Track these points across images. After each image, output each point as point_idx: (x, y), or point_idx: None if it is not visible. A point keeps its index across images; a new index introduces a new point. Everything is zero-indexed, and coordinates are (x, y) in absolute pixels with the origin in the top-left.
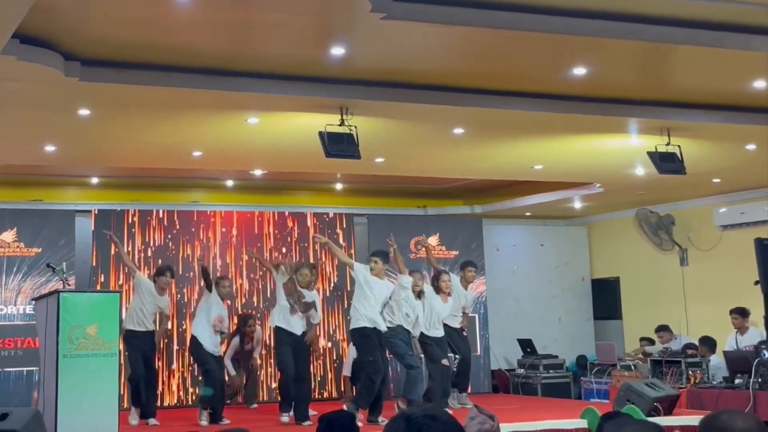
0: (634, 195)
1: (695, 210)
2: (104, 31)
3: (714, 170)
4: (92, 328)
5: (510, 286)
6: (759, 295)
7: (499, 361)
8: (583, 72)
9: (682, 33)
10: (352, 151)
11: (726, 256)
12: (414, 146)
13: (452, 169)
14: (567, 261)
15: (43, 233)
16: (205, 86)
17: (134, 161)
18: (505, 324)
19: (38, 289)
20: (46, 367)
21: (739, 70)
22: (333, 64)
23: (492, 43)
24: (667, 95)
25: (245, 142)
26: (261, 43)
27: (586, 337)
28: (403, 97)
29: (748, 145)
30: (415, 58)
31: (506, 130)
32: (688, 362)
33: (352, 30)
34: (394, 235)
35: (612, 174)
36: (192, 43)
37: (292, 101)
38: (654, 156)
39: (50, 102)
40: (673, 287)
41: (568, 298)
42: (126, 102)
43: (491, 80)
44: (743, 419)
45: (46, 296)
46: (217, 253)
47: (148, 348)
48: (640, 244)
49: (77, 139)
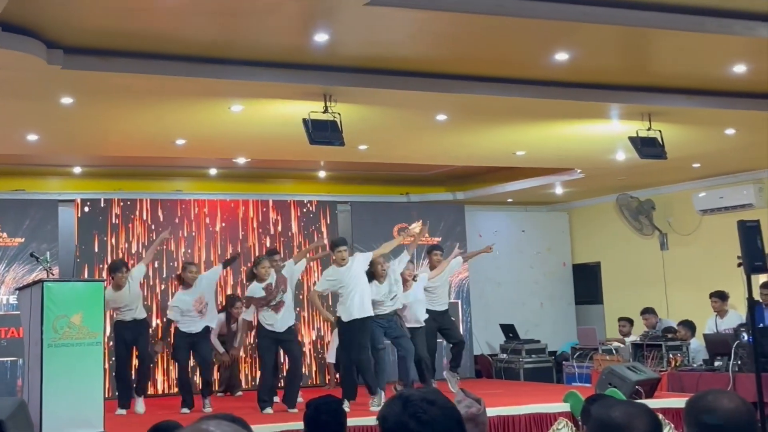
0: (615, 180)
1: (675, 195)
2: (87, 18)
3: (694, 155)
4: (77, 317)
5: (492, 272)
6: (738, 279)
7: (482, 347)
8: (565, 57)
9: (663, 18)
10: (336, 138)
11: (705, 240)
12: (397, 133)
13: (435, 156)
14: (548, 246)
15: (26, 223)
16: (188, 74)
17: (117, 150)
18: (488, 309)
19: (21, 279)
20: (31, 356)
21: (719, 55)
22: (317, 50)
23: (475, 28)
24: (648, 80)
25: (229, 130)
26: (244, 30)
27: (568, 322)
28: (387, 84)
29: (727, 129)
30: (398, 44)
31: (489, 116)
32: (669, 346)
33: (336, 16)
34: (378, 222)
35: (593, 159)
36: (175, 31)
37: (275, 88)
38: (635, 141)
39: (33, 90)
40: (653, 271)
41: (549, 283)
42: (109, 90)
43: (474, 66)
44: (729, 398)
45: (30, 286)
46: (202, 245)
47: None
48: (620, 229)
49: (60, 128)
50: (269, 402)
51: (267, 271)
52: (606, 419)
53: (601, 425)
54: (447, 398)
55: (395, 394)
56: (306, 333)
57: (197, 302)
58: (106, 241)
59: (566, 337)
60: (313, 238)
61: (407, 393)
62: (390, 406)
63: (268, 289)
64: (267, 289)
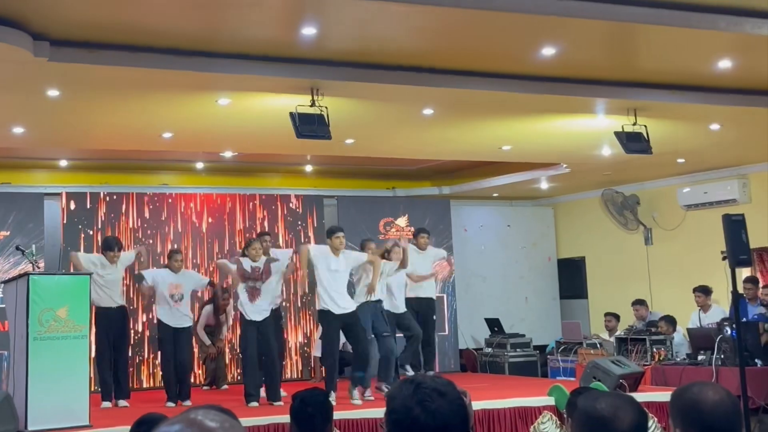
0: (600, 175)
1: (660, 190)
2: (74, 10)
3: (679, 150)
4: (62, 311)
5: (478, 267)
6: (722, 274)
7: (467, 341)
8: (551, 52)
9: (649, 13)
10: (323, 132)
11: (690, 235)
12: (384, 127)
13: (421, 150)
14: (534, 241)
15: (11, 216)
16: (175, 66)
17: (104, 143)
18: (473, 304)
19: (7, 272)
20: (16, 350)
21: (704, 50)
22: (304, 44)
23: (461, 22)
24: (634, 75)
25: (216, 124)
26: (232, 23)
27: (553, 316)
28: (373, 78)
29: (712, 125)
30: (385, 38)
31: (475, 111)
32: (653, 340)
33: (323, 9)
34: (364, 216)
35: (578, 154)
36: (162, 23)
37: (262, 81)
38: (621, 136)
39: (18, 82)
40: (637, 266)
41: (534, 277)
42: (96, 83)
43: (461, 60)
44: (714, 390)
45: (15, 279)
46: (188, 239)
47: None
48: (605, 224)
49: (46, 121)
50: (256, 396)
51: (257, 253)
52: (592, 411)
53: (587, 417)
54: (459, 394)
55: (410, 377)
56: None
57: (174, 287)
58: (92, 234)
59: (551, 332)
60: (300, 234)
61: (421, 379)
62: (401, 387)
63: (255, 271)
64: (254, 271)
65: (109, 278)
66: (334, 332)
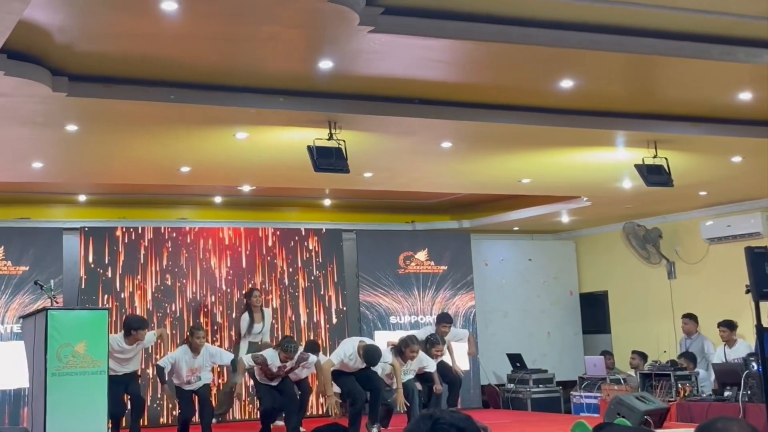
0: (621, 208)
1: (682, 223)
2: (92, 45)
3: (700, 183)
4: (81, 346)
5: (499, 301)
6: (747, 308)
7: (489, 376)
8: (570, 85)
9: (668, 45)
10: (341, 166)
11: (713, 269)
12: (402, 160)
13: (440, 184)
14: (555, 275)
15: (30, 251)
16: (193, 101)
17: (122, 177)
18: (494, 339)
19: (26, 307)
20: (35, 385)
21: (724, 82)
22: (321, 77)
23: (480, 55)
24: (653, 107)
25: (234, 158)
26: (249, 57)
27: (575, 352)
28: (391, 111)
29: (734, 157)
30: (403, 71)
31: (494, 144)
32: (678, 375)
33: (340, 43)
34: (383, 250)
35: (599, 187)
36: (180, 58)
37: (280, 115)
38: (641, 169)
39: (38, 118)
40: (661, 300)
41: (556, 312)
42: (114, 117)
43: (479, 93)
44: (739, 425)
45: (34, 314)
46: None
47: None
48: (627, 258)
49: (65, 156)
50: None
51: (289, 357)
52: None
53: None
54: (478, 428)
55: (428, 412)
56: None
57: (191, 372)
58: (110, 269)
59: (574, 367)
60: (320, 267)
61: (440, 414)
62: (418, 423)
63: (281, 369)
64: (280, 368)
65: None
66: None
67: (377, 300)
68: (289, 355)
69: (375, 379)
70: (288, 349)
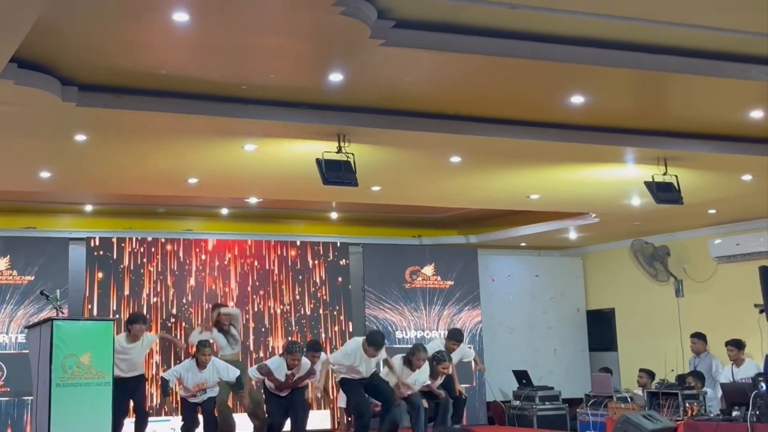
0: (630, 225)
1: (690, 241)
2: (102, 56)
3: (710, 201)
4: (86, 357)
5: (505, 317)
6: (755, 327)
7: (495, 393)
8: (580, 100)
9: (679, 61)
10: (350, 179)
11: (721, 287)
12: (410, 175)
13: (448, 198)
14: (562, 292)
15: (36, 261)
16: (202, 112)
17: (130, 188)
18: (501, 355)
19: (31, 317)
20: (39, 395)
21: (736, 100)
22: (331, 90)
23: (491, 70)
24: (664, 124)
25: (242, 169)
26: (259, 69)
27: (582, 369)
28: (401, 125)
29: (744, 175)
30: (413, 84)
31: (503, 159)
32: (685, 394)
33: (351, 56)
34: (390, 265)
35: (608, 204)
36: (190, 69)
37: (289, 128)
38: (651, 186)
39: (47, 127)
40: (668, 318)
41: (563, 329)
42: (123, 128)
43: (489, 108)
44: None
45: (39, 324)
46: (212, 284)
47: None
48: (635, 275)
49: (73, 165)
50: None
51: (295, 364)
52: None
53: None
54: None
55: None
56: None
57: (198, 386)
58: (116, 279)
59: (580, 385)
60: (327, 281)
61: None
62: None
63: (289, 378)
64: (287, 378)
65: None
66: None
67: (383, 314)
68: (296, 356)
69: (385, 390)
70: (293, 350)
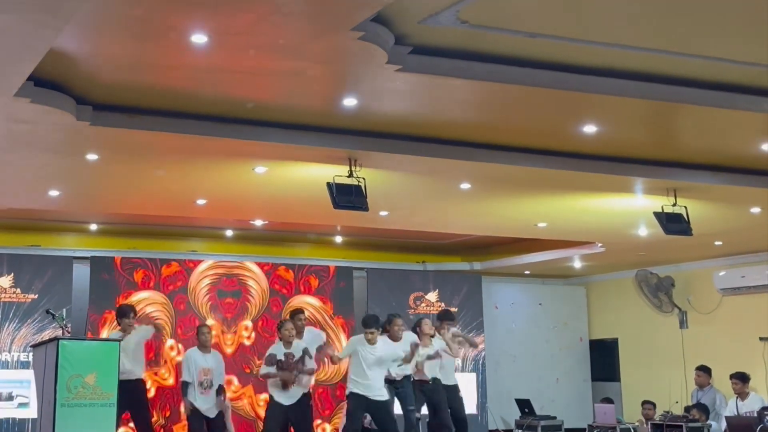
0: (635, 256)
1: (695, 272)
2: (118, 75)
3: (717, 232)
4: (91, 377)
5: (508, 345)
6: (759, 360)
7: (497, 422)
8: (593, 130)
9: (692, 93)
10: (361, 203)
11: (726, 319)
12: (420, 200)
13: (456, 225)
14: (565, 321)
15: (40, 279)
16: (214, 133)
17: (138, 208)
18: (503, 383)
19: (33, 336)
20: (43, 415)
21: (748, 132)
22: (344, 114)
23: (506, 98)
24: (675, 155)
25: (251, 191)
26: (273, 92)
27: (584, 399)
28: (413, 150)
29: (753, 208)
30: (426, 111)
31: (513, 187)
32: (690, 427)
33: (366, 81)
34: (393, 290)
35: (615, 234)
36: (205, 90)
37: (301, 151)
38: (660, 216)
39: (60, 145)
40: (672, 350)
41: (566, 358)
42: (135, 147)
43: (502, 135)
44: None
45: (45, 343)
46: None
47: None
48: (639, 306)
49: (83, 184)
50: None
51: (290, 333)
52: None
53: None
54: None
55: None
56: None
57: (204, 372)
58: (119, 299)
59: (582, 415)
60: (330, 305)
61: None
62: None
63: (289, 359)
64: (287, 357)
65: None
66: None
67: None
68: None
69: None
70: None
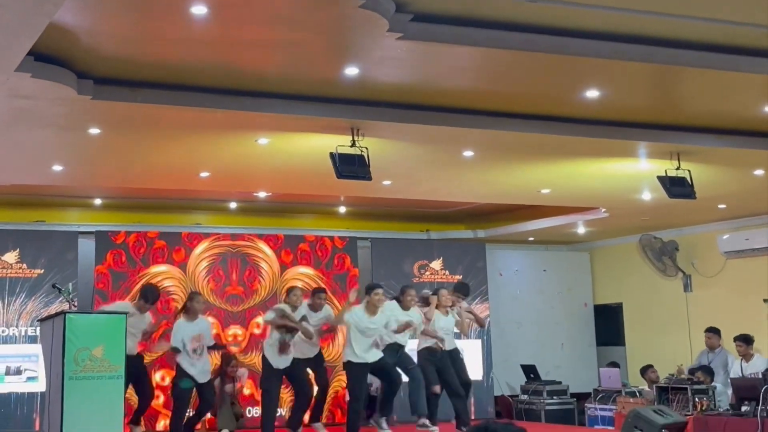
0: (638, 220)
1: (699, 236)
2: (119, 49)
3: (720, 195)
4: (98, 350)
5: (513, 312)
6: (763, 322)
7: (502, 387)
8: (595, 95)
9: (694, 56)
10: (364, 173)
11: (730, 282)
12: (423, 169)
13: (459, 193)
14: (569, 287)
15: (45, 254)
16: (216, 106)
17: (141, 181)
18: (508, 349)
19: (40, 311)
20: (52, 389)
21: (750, 94)
22: (346, 84)
23: (507, 64)
24: (678, 119)
25: (254, 163)
26: (276, 63)
27: (589, 364)
28: (415, 119)
29: (756, 170)
30: (428, 78)
31: (515, 153)
32: (695, 389)
33: (367, 50)
34: (398, 259)
35: (619, 198)
36: (206, 62)
37: (303, 121)
38: (664, 180)
39: (62, 120)
40: (676, 314)
41: (570, 324)
42: (137, 121)
43: (504, 102)
44: None
45: (52, 317)
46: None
47: None
48: (643, 270)
49: (86, 159)
50: None
51: (298, 298)
52: None
53: None
54: None
55: (483, 422)
56: None
57: (195, 339)
58: (124, 273)
59: (587, 380)
60: (335, 277)
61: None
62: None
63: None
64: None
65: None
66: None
67: None
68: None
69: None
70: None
